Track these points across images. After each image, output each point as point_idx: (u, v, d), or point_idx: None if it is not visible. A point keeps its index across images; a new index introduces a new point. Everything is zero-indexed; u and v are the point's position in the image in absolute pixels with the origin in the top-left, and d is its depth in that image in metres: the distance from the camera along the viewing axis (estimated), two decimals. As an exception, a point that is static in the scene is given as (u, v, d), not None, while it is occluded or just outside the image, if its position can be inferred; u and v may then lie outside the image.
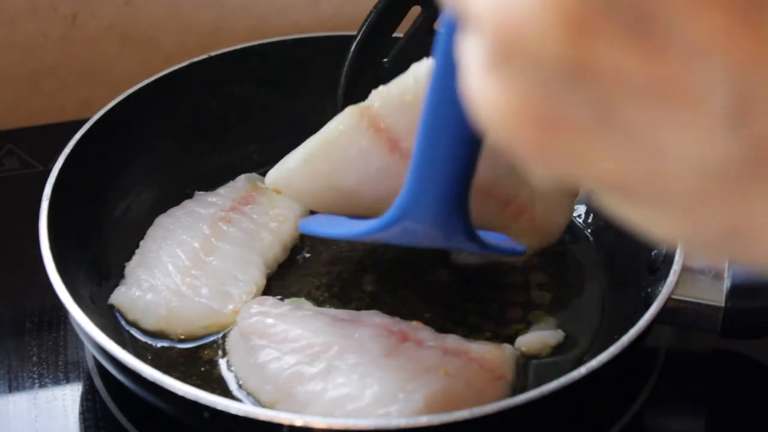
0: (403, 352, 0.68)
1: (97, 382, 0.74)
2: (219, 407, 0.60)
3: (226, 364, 0.73)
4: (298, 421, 0.60)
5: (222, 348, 0.74)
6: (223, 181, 0.86)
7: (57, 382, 0.75)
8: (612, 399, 0.73)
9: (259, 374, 0.69)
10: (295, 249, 0.82)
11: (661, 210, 0.28)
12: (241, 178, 0.86)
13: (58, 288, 0.67)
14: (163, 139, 0.88)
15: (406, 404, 0.64)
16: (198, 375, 0.72)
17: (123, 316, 0.76)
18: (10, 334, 0.79)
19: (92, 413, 0.73)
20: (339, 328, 0.70)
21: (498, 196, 0.73)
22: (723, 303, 0.70)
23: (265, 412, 0.61)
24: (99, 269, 0.78)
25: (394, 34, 0.82)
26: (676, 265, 0.69)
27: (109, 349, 0.64)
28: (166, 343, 0.74)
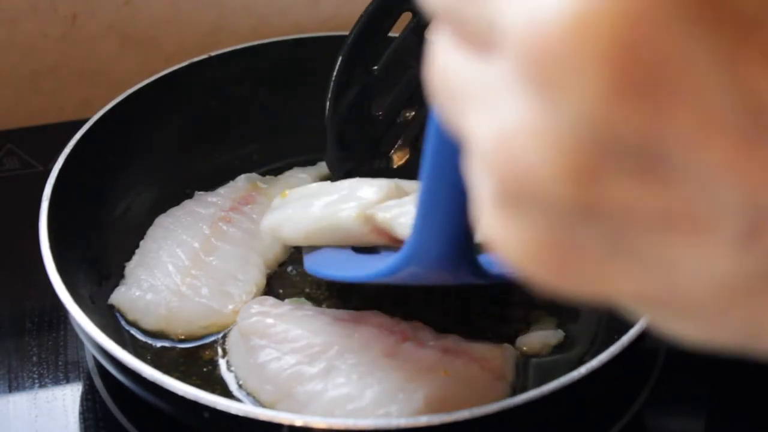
0: (404, 352, 0.68)
1: (97, 382, 0.74)
2: (219, 407, 0.60)
3: (226, 364, 0.73)
4: (298, 421, 0.60)
5: (222, 348, 0.74)
6: (223, 181, 0.86)
7: (57, 382, 0.75)
8: (612, 399, 0.73)
9: (259, 374, 0.69)
10: (296, 249, 0.82)
11: (683, 318, 0.28)
12: (241, 178, 0.86)
13: (58, 288, 0.67)
14: (163, 139, 0.88)
15: (407, 404, 0.64)
16: (198, 375, 0.72)
17: (123, 316, 0.76)
18: (10, 334, 0.79)
19: (92, 413, 0.73)
20: (339, 328, 0.70)
21: None
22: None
23: (265, 412, 0.61)
24: (99, 269, 0.78)
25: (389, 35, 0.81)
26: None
27: (109, 349, 0.64)
28: (166, 343, 0.74)
